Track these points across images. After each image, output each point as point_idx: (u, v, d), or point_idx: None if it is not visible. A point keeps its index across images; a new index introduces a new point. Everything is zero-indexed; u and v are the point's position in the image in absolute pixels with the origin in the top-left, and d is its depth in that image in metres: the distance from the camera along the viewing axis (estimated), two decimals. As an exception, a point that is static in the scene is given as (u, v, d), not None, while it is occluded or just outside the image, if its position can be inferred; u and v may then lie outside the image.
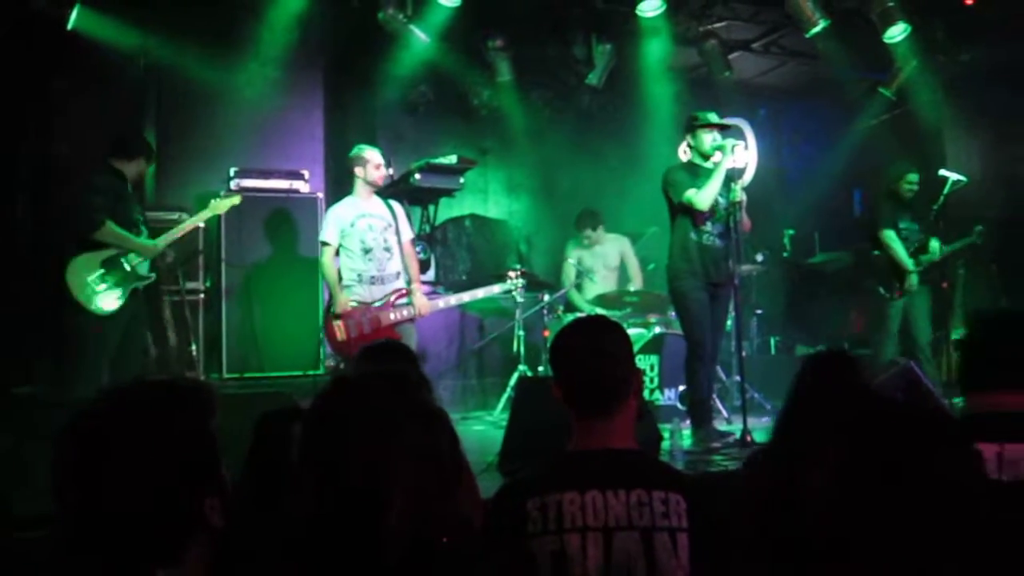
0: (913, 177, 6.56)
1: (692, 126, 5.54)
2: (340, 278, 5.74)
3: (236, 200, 5.98)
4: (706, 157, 5.46)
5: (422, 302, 5.82)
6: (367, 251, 5.74)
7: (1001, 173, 7.97)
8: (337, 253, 5.76)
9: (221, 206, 5.86)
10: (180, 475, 1.40)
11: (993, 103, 8.05)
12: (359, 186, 5.88)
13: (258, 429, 2.23)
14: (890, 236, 6.48)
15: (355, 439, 1.40)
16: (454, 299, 6.30)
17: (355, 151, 5.94)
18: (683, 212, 5.45)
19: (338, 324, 5.63)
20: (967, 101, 8.09)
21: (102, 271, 5.24)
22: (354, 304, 5.66)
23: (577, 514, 1.79)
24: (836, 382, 2.34)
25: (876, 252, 6.58)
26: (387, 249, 5.80)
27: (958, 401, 5.90)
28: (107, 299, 5.22)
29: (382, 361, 2.73)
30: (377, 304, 5.71)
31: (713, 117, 5.54)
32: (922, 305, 6.55)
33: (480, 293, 6.33)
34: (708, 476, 4.27)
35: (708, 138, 5.46)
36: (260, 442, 2.21)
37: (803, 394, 2.36)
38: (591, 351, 1.96)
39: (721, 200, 5.40)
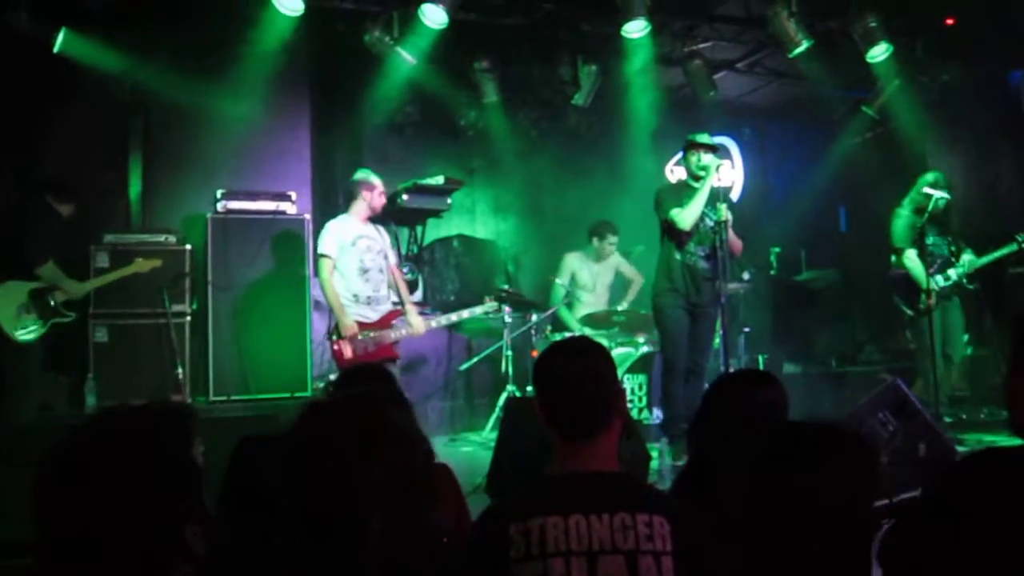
0: (935, 179, 6.40)
1: (685, 146, 5.64)
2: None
3: (157, 263, 6.09)
4: (696, 178, 5.54)
5: (417, 321, 5.93)
6: (364, 271, 5.79)
7: (982, 191, 8.03)
8: None
9: (144, 266, 6.01)
10: (161, 503, 1.39)
11: (974, 122, 8.13)
12: (360, 208, 5.91)
13: (236, 454, 2.22)
14: (908, 256, 6.37)
15: (328, 463, 1.40)
16: (444, 319, 6.33)
17: (363, 175, 6.00)
18: (668, 232, 5.53)
19: (344, 343, 5.63)
20: (949, 119, 8.17)
21: (27, 301, 5.46)
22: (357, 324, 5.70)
23: (560, 538, 1.78)
24: (737, 400, 2.32)
25: (895, 267, 6.50)
26: (381, 271, 5.92)
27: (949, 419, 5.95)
28: (25, 330, 5.43)
29: (363, 385, 2.73)
30: (376, 323, 5.77)
31: (704, 138, 5.62)
32: (955, 320, 6.45)
33: (466, 314, 6.36)
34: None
35: (695, 159, 5.55)
36: (236, 467, 2.19)
37: (706, 412, 2.36)
38: (573, 373, 1.95)
39: (708, 220, 5.46)
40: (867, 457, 1.43)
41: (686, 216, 5.39)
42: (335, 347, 5.64)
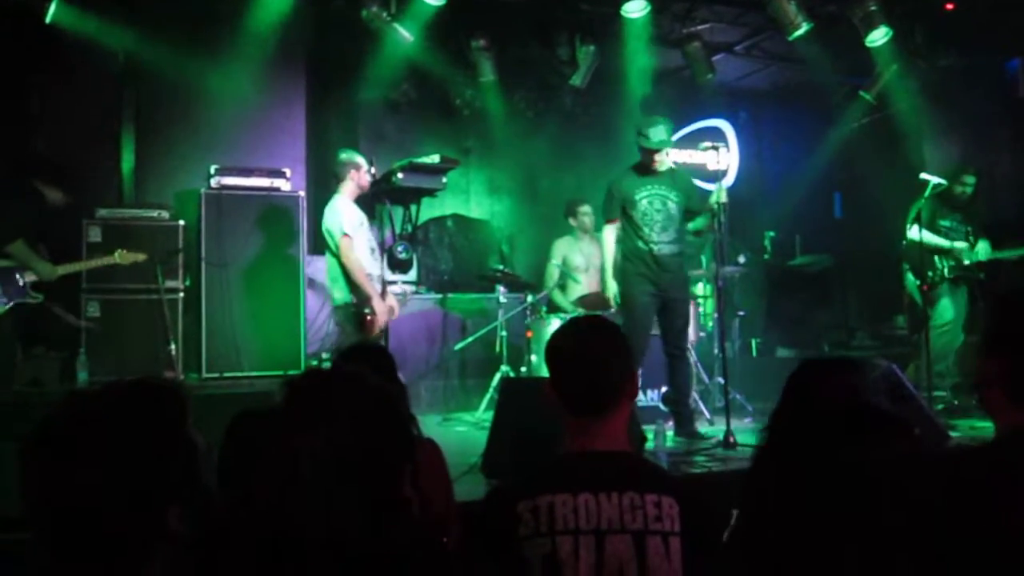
0: (970, 179, 6.54)
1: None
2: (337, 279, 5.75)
3: (140, 257, 5.95)
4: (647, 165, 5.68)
5: (395, 303, 6.04)
6: (372, 250, 5.82)
7: (980, 177, 8.04)
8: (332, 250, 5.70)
9: (126, 258, 5.88)
10: (146, 482, 1.37)
11: (971, 109, 8.14)
12: (351, 189, 5.79)
13: (230, 430, 2.20)
14: (916, 231, 6.33)
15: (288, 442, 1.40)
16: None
17: (348, 155, 5.87)
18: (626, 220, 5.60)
19: (377, 317, 5.63)
20: (946, 105, 8.17)
21: None
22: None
23: (569, 516, 1.77)
24: (829, 386, 2.32)
25: (905, 242, 6.52)
26: (380, 251, 6.04)
27: (940, 406, 5.98)
28: None
29: (362, 361, 2.71)
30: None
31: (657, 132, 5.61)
32: (958, 308, 6.52)
33: None
34: (699, 478, 4.26)
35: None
36: (231, 444, 2.17)
37: (797, 397, 2.36)
38: (588, 351, 1.94)
39: (670, 205, 5.50)
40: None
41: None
42: (369, 319, 5.60)
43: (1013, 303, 1.91)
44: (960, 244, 6.42)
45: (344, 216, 5.65)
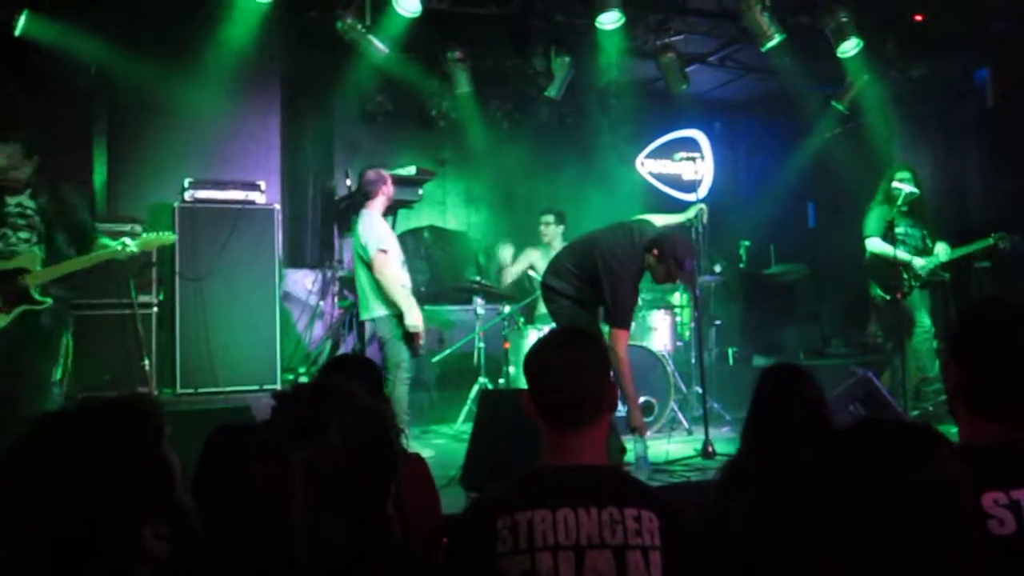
0: (901, 174, 6.44)
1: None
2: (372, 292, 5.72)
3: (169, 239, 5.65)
4: None
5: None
6: (404, 263, 5.87)
7: (951, 186, 8.14)
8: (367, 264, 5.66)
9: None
10: (121, 502, 1.35)
11: (942, 118, 8.24)
12: (381, 203, 5.91)
13: (208, 445, 2.17)
14: (870, 242, 6.46)
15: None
16: None
17: (375, 172, 5.98)
18: None
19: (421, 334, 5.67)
20: (917, 116, 8.27)
21: None
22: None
23: (548, 532, 1.76)
24: (791, 395, 2.35)
25: (868, 256, 6.56)
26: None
27: (916, 412, 6.01)
28: None
29: (351, 372, 2.69)
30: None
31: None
32: (933, 312, 6.53)
33: None
34: (678, 490, 4.26)
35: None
36: (208, 459, 2.14)
37: (763, 406, 2.38)
38: (564, 362, 1.93)
39: None
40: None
41: None
42: (419, 341, 5.61)
43: (971, 315, 1.93)
44: (907, 257, 6.36)
45: (382, 231, 5.72)
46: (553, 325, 6.21)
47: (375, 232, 5.65)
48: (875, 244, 6.47)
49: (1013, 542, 1.64)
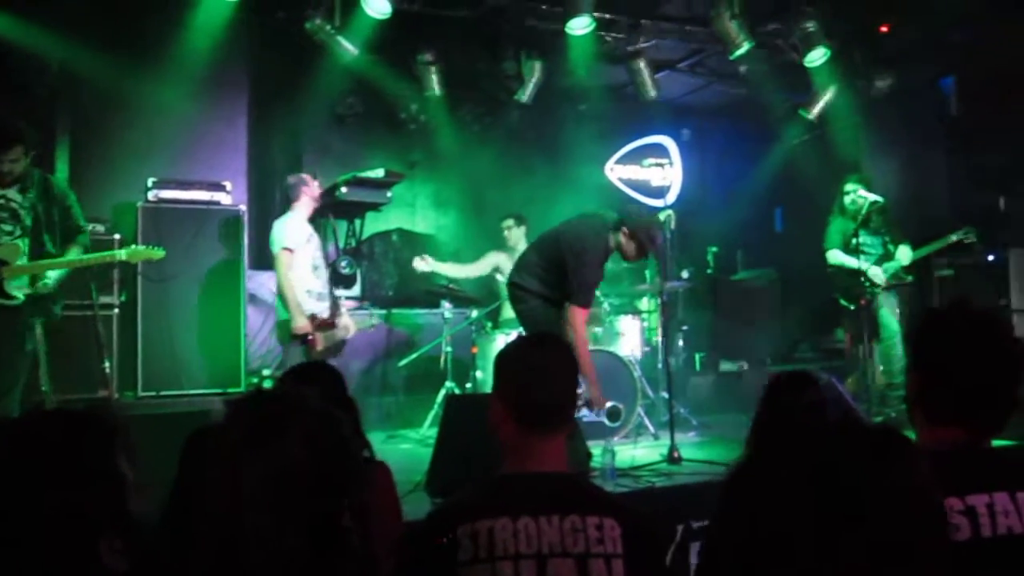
0: (849, 186, 6.57)
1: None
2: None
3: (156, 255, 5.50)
4: None
5: (349, 322, 6.13)
6: (316, 268, 5.92)
7: (915, 195, 8.24)
8: None
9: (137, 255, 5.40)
10: (71, 513, 1.32)
11: (907, 127, 8.35)
12: (306, 206, 6.01)
13: (186, 450, 2.13)
14: (830, 255, 6.61)
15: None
16: (372, 320, 6.74)
17: (297, 175, 6.14)
18: None
19: (319, 336, 5.80)
20: (883, 124, 8.37)
21: None
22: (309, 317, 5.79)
23: (509, 541, 1.74)
24: (799, 401, 2.32)
25: (830, 267, 6.68)
26: (325, 268, 6.09)
27: (879, 418, 6.06)
28: None
29: (311, 381, 2.65)
30: (330, 320, 5.95)
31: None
32: (899, 316, 6.60)
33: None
34: (643, 496, 4.26)
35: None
36: (188, 464, 2.10)
37: (769, 410, 2.35)
38: (552, 365, 1.93)
39: None
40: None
41: None
42: (311, 338, 5.71)
43: (930, 322, 1.94)
44: (865, 266, 6.43)
45: (287, 232, 5.80)
46: (520, 329, 6.20)
47: (284, 231, 5.80)
48: (835, 256, 6.66)
49: (968, 548, 1.66)
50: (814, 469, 1.19)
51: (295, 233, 5.84)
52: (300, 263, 5.78)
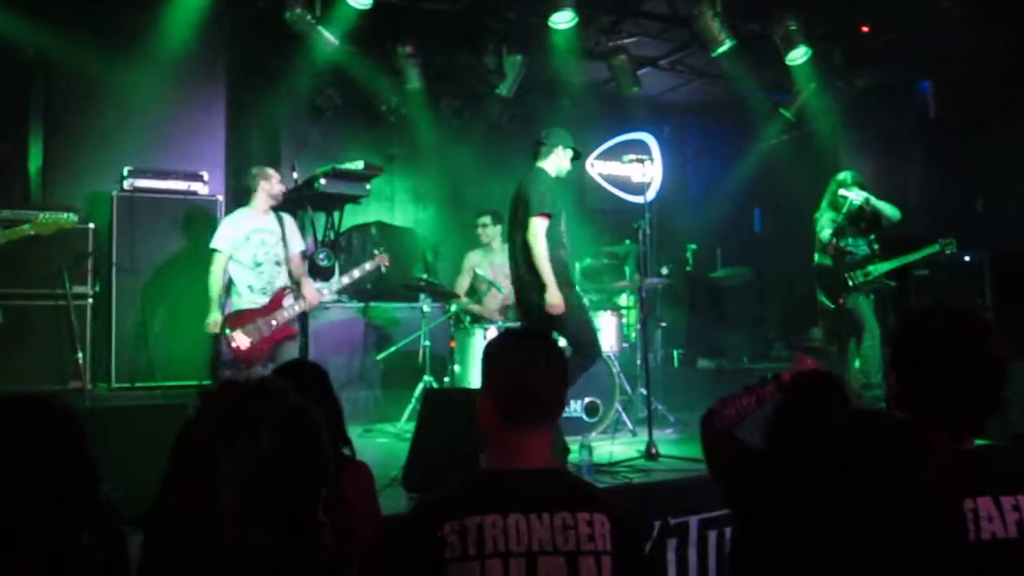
0: (845, 179, 6.50)
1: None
2: (229, 289, 5.78)
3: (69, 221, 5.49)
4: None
5: (310, 292, 5.90)
6: (258, 264, 5.79)
7: (893, 194, 8.30)
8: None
9: (43, 227, 5.39)
10: (48, 505, 1.28)
11: (886, 127, 8.41)
12: (261, 200, 5.88)
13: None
14: (819, 257, 6.56)
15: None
16: (335, 283, 6.35)
17: (257, 168, 5.99)
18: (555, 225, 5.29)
19: (238, 335, 5.60)
20: (862, 125, 8.43)
21: None
22: (235, 314, 5.72)
23: (499, 538, 1.71)
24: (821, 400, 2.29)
25: (815, 263, 6.64)
26: (278, 263, 5.88)
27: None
28: None
29: (292, 378, 2.61)
30: (268, 307, 5.74)
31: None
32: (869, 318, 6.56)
33: (356, 273, 6.25)
34: (620, 492, 4.24)
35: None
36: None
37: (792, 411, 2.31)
38: (535, 363, 1.90)
39: None
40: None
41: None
42: (233, 344, 5.60)
43: (909, 323, 1.93)
44: (856, 273, 6.46)
45: (220, 232, 5.78)
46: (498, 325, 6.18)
47: (219, 230, 5.79)
48: (820, 258, 6.56)
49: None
50: (839, 465, 1.19)
51: (230, 232, 5.76)
52: (239, 260, 5.73)
